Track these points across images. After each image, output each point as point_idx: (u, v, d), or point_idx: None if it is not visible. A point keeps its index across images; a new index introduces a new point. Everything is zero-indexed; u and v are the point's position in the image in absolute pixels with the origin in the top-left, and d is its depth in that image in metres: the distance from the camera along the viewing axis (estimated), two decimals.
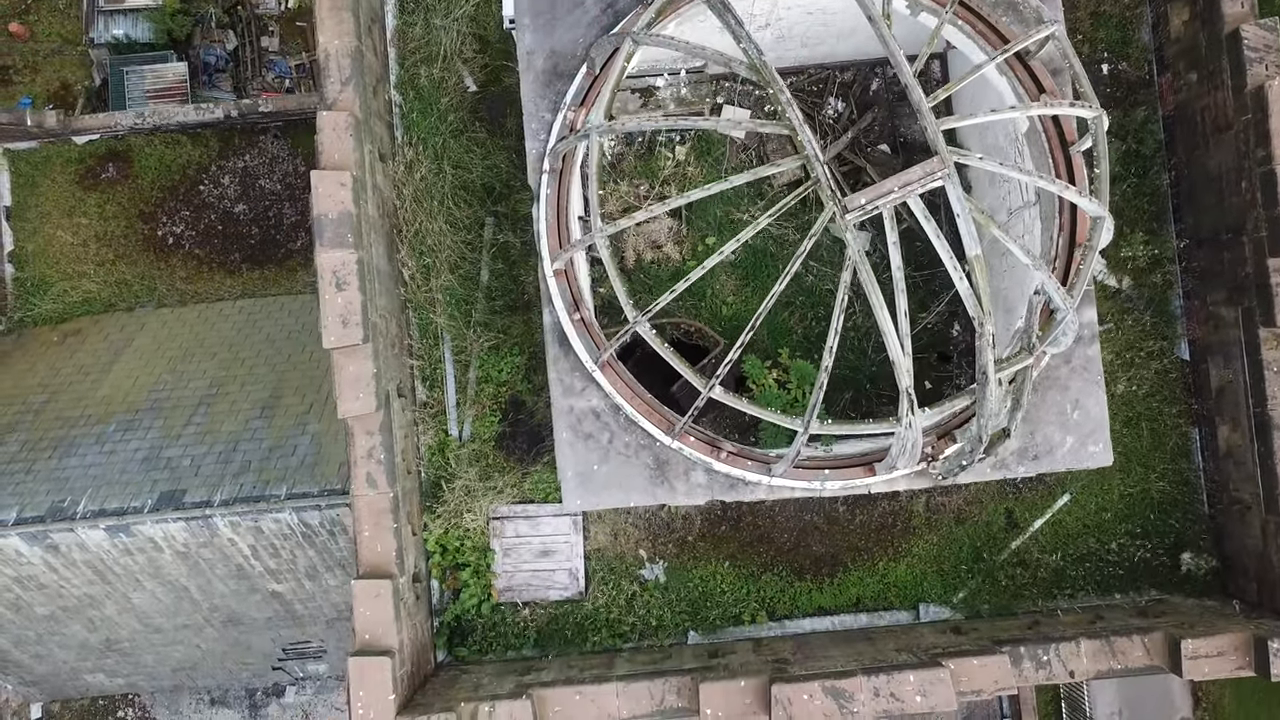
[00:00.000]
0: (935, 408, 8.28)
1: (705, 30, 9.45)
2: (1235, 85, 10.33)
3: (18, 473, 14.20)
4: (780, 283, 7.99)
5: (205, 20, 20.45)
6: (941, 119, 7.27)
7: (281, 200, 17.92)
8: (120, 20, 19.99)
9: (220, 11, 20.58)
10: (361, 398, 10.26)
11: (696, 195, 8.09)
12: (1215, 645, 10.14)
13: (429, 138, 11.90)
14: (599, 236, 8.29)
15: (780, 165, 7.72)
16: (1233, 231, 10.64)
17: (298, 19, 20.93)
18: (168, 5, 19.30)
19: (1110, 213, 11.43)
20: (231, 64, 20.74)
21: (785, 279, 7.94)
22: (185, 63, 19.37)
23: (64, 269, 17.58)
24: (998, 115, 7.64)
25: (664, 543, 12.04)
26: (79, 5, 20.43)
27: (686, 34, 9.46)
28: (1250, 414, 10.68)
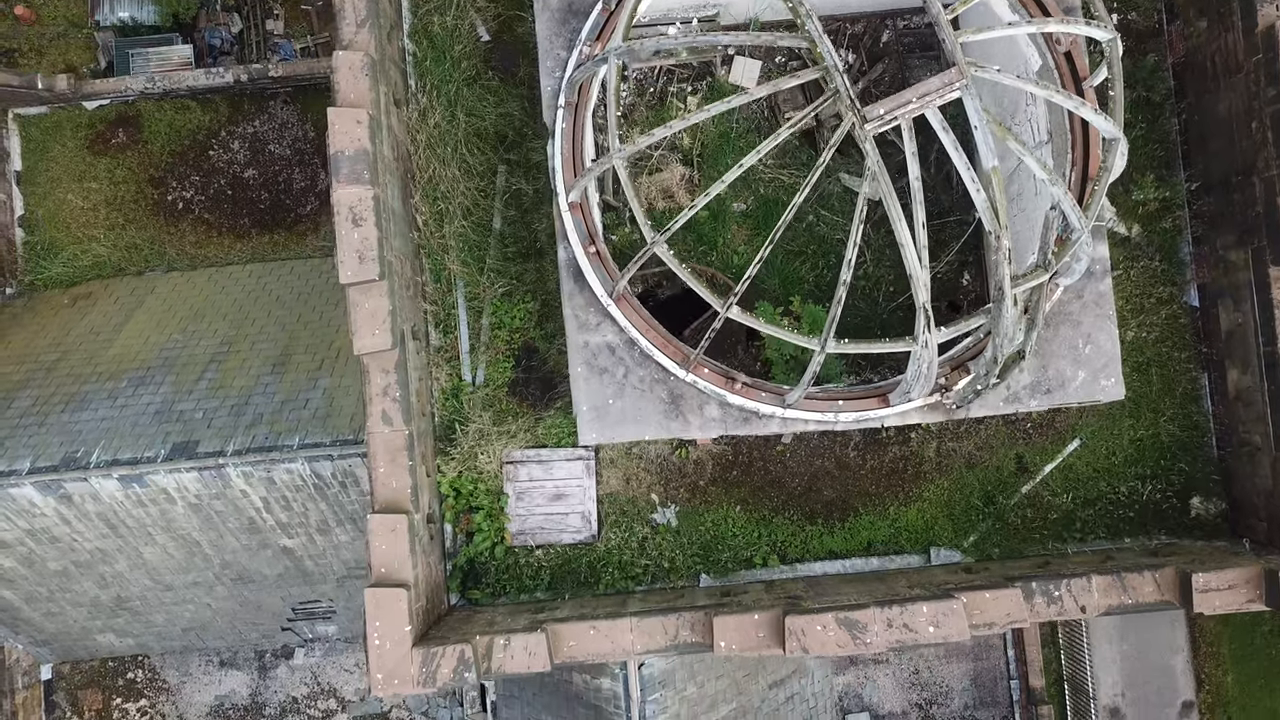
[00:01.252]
0: (951, 326, 8.34)
1: None
2: (1245, 27, 10.39)
3: (30, 426, 14.26)
4: (800, 195, 8.04)
5: (211, 3, 20.52)
6: (959, 32, 7.33)
7: (291, 165, 17.98)
8: (126, 3, 20.02)
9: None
10: (377, 334, 10.32)
11: (719, 108, 8.13)
12: (1226, 579, 10.19)
13: (442, 85, 11.96)
14: (618, 158, 8.36)
15: (800, 77, 7.77)
16: (1243, 173, 10.71)
17: (303, 2, 21.00)
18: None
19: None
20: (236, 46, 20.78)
21: (806, 189, 7.99)
22: (190, 45, 19.36)
23: (74, 233, 17.65)
24: (1014, 29, 7.70)
25: (676, 487, 12.10)
26: None
27: None
28: (1260, 354, 10.75)
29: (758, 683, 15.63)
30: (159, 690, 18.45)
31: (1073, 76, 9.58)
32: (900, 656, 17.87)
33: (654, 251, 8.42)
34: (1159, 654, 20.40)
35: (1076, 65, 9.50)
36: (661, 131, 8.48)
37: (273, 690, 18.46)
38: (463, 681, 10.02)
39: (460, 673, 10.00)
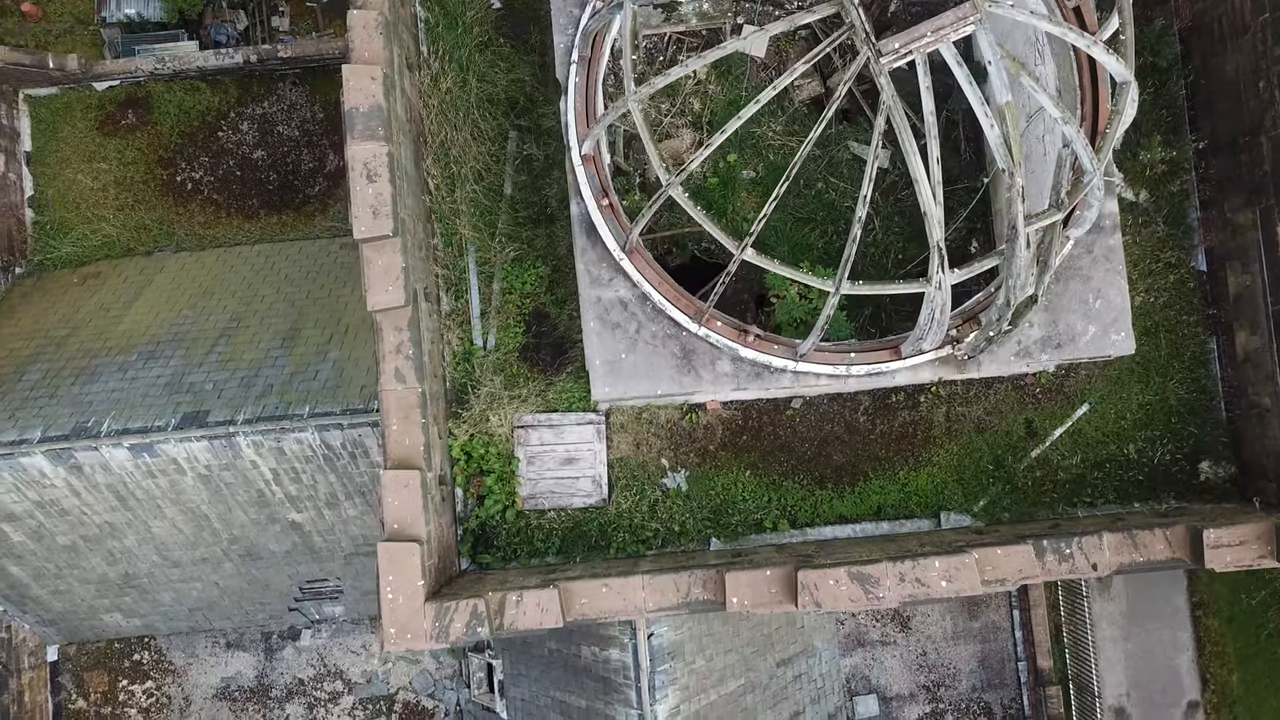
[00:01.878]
0: (964, 267, 8.39)
1: None
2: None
3: (41, 398, 14.29)
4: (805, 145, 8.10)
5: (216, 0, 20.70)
6: None
7: (300, 146, 18.06)
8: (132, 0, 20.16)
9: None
10: (391, 290, 10.37)
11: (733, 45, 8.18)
12: (1237, 534, 10.21)
13: (454, 51, 12.05)
14: (633, 100, 8.42)
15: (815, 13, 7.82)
16: (1250, 134, 10.78)
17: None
18: None
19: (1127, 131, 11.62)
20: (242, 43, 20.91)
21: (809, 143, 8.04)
22: (196, 41, 19.43)
23: (83, 213, 17.70)
24: None
25: (685, 452, 12.13)
26: None
27: None
28: (1269, 313, 10.80)
29: (766, 660, 15.61)
30: (165, 672, 18.41)
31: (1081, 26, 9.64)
32: (908, 638, 17.83)
33: (670, 194, 8.46)
34: (1164, 653, 20.32)
35: (1086, 21, 9.57)
36: (678, 70, 8.55)
37: (279, 672, 18.42)
38: (475, 636, 10.03)
39: (473, 627, 10.02)
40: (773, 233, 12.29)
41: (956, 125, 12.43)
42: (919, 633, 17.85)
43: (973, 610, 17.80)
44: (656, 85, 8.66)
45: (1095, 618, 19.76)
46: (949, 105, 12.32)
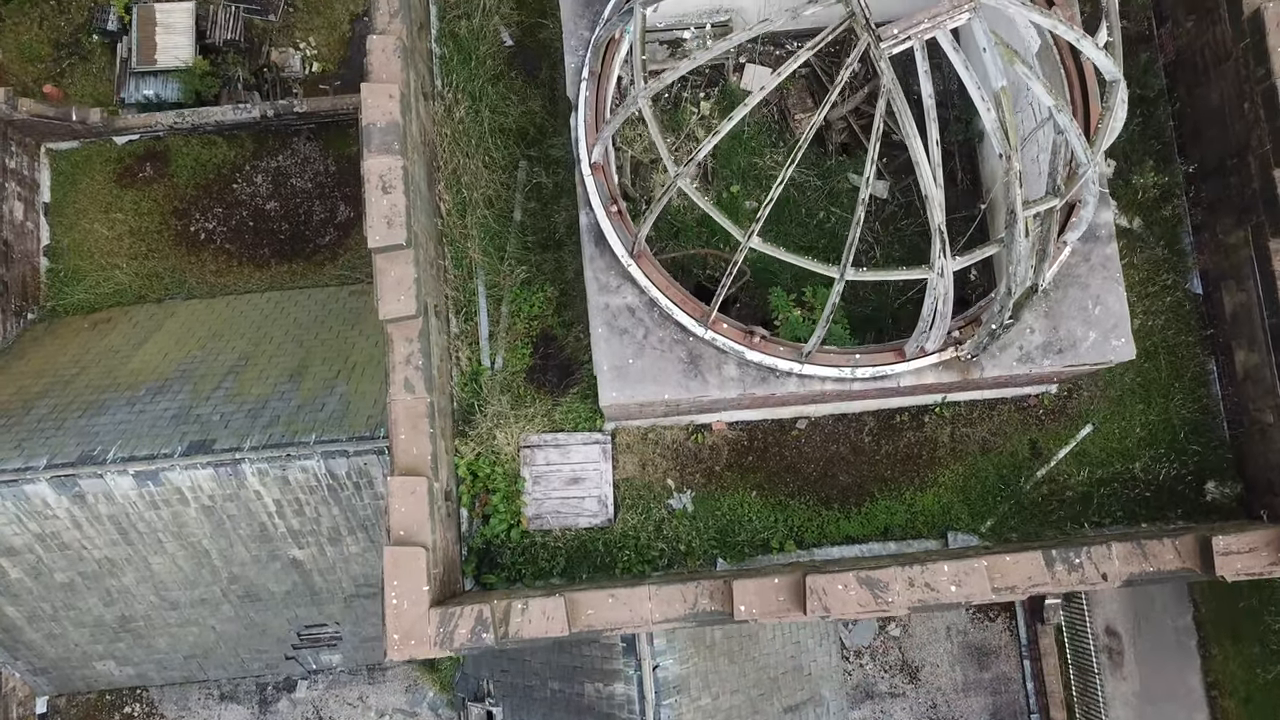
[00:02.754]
0: (965, 255, 8.59)
1: None
2: (1232, 15, 10.97)
3: (48, 430, 14.35)
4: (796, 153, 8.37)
5: (232, 82, 21.49)
6: None
7: (312, 198, 18.52)
8: (151, 81, 20.92)
9: (247, 73, 21.69)
10: (403, 300, 10.55)
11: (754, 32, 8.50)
12: (1246, 541, 10.18)
13: (467, 84, 12.51)
14: (643, 99, 8.76)
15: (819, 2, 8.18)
16: (1238, 155, 11.14)
17: (320, 81, 22.02)
18: (196, 67, 20.19)
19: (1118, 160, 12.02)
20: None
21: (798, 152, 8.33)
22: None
23: (97, 261, 18.06)
24: None
25: (691, 472, 12.15)
26: (112, 67, 21.63)
27: None
28: (1266, 327, 10.97)
29: (773, 704, 15.30)
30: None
31: (1071, 51, 10.08)
32: (917, 690, 17.46)
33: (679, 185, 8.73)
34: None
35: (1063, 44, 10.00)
36: (686, 64, 8.90)
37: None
38: (480, 643, 9.90)
39: (478, 633, 9.89)
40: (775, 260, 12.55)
41: (953, 156, 12.81)
42: (928, 684, 17.51)
43: (983, 661, 17.49)
44: (665, 80, 9.02)
45: (1108, 697, 19.43)
46: (945, 138, 12.72)
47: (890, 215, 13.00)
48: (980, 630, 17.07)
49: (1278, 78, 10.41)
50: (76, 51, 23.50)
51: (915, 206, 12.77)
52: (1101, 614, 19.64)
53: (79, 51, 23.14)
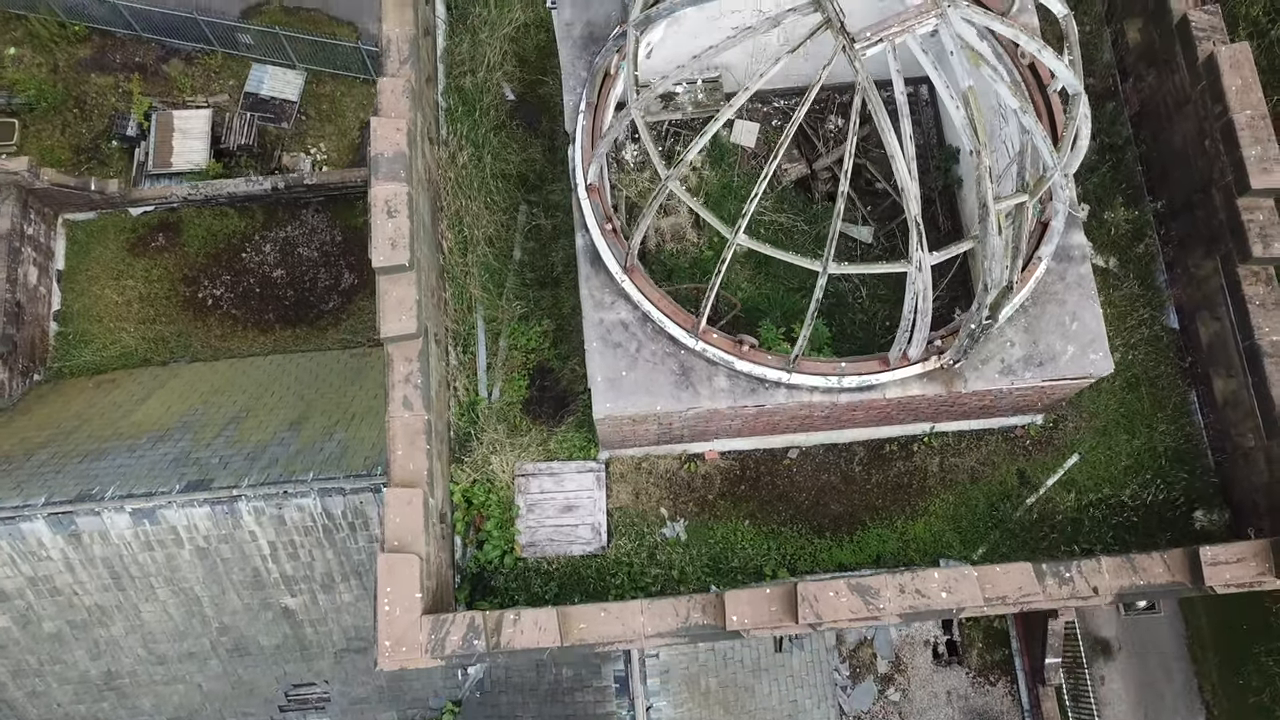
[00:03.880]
0: (941, 250, 8.99)
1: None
2: (1189, 61, 11.73)
3: (48, 473, 14.46)
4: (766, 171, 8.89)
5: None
6: None
7: (318, 266, 19.09)
8: (166, 183, 22.03)
9: (258, 175, 22.82)
10: (404, 319, 10.92)
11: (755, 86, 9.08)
12: (1234, 552, 10.29)
13: (470, 132, 13.20)
14: (636, 110, 9.32)
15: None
16: (1203, 190, 11.71)
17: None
18: (210, 169, 21.23)
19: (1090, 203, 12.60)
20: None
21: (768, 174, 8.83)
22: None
23: (106, 325, 18.48)
24: None
25: (684, 501, 12.27)
26: (129, 171, 22.77)
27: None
28: (1240, 350, 11.31)
29: None
30: None
31: (1038, 84, 10.77)
32: None
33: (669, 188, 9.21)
34: None
35: (1040, 74, 10.71)
36: (677, 73, 9.49)
37: None
38: (471, 649, 9.87)
39: (469, 640, 9.88)
40: (765, 299, 12.99)
41: (934, 202, 13.39)
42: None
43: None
44: (657, 90, 9.61)
45: None
46: (926, 184, 13.36)
47: (875, 258, 13.49)
48: (981, 695, 16.75)
49: (1234, 113, 11.06)
50: (96, 156, 24.73)
51: (899, 250, 13.27)
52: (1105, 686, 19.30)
53: (98, 156, 24.38)
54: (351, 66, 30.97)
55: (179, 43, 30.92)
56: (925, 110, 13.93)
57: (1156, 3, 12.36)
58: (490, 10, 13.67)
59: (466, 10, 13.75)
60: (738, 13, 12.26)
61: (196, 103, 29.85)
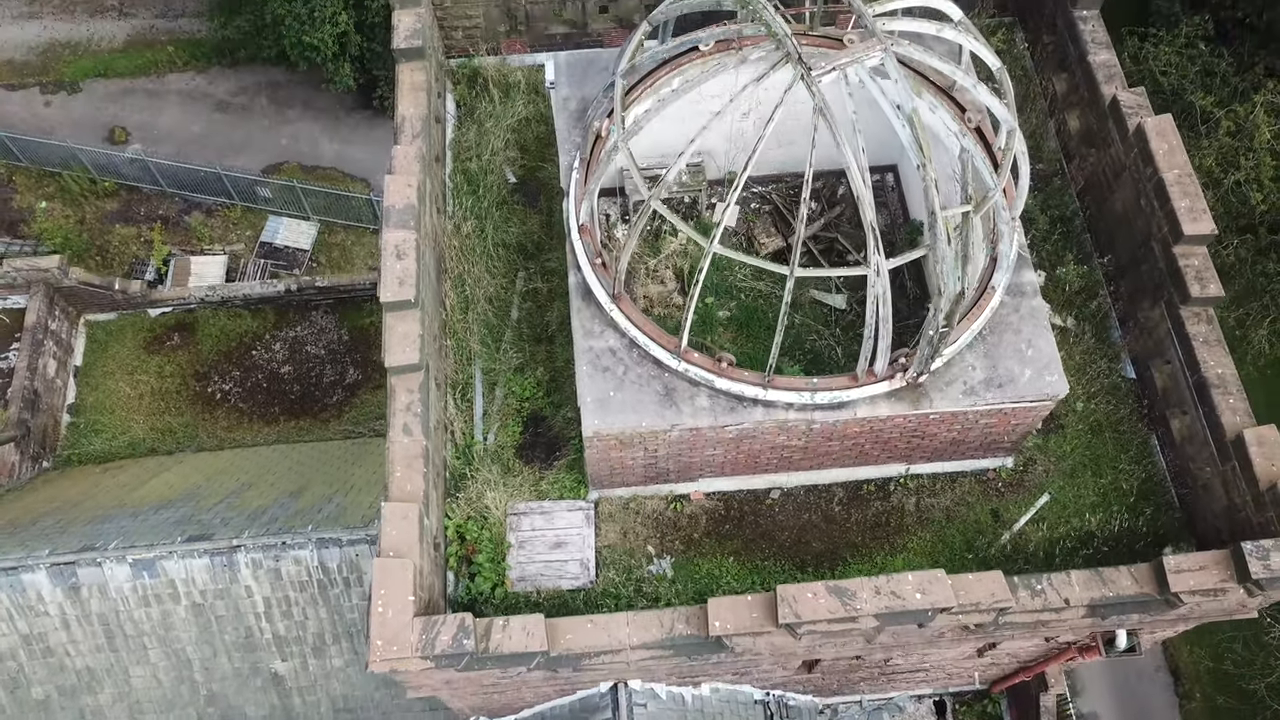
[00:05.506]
0: (898, 256, 9.92)
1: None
2: (1121, 135, 13.07)
3: (52, 533, 14.86)
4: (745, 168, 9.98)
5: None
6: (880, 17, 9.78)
7: (324, 362, 20.01)
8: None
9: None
10: (408, 351, 11.72)
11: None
12: (1196, 560, 10.73)
13: (474, 206, 14.41)
14: (621, 142, 10.47)
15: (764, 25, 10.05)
16: (1144, 244, 12.79)
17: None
18: None
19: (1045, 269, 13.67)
20: None
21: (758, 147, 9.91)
22: None
23: (117, 416, 19.22)
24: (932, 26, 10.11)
25: (671, 539, 12.68)
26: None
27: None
28: (1190, 385, 12.08)
29: None
30: None
31: (983, 144, 12.01)
32: None
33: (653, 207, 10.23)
34: None
35: (986, 137, 11.98)
36: (651, 104, 10.66)
37: None
38: (461, 648, 10.13)
39: (460, 640, 10.17)
40: (746, 360, 13.82)
41: (902, 272, 14.44)
42: None
43: None
44: (641, 126, 10.78)
45: None
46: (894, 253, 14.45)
47: (849, 323, 14.41)
48: None
49: (1164, 172, 12.27)
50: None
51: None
52: None
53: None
54: (363, 218, 33.08)
55: (202, 197, 33.20)
56: (891, 194, 15.22)
57: (1090, 91, 13.83)
58: (495, 105, 15.17)
59: (474, 105, 15.26)
60: (716, 97, 13.69)
61: (214, 251, 31.74)
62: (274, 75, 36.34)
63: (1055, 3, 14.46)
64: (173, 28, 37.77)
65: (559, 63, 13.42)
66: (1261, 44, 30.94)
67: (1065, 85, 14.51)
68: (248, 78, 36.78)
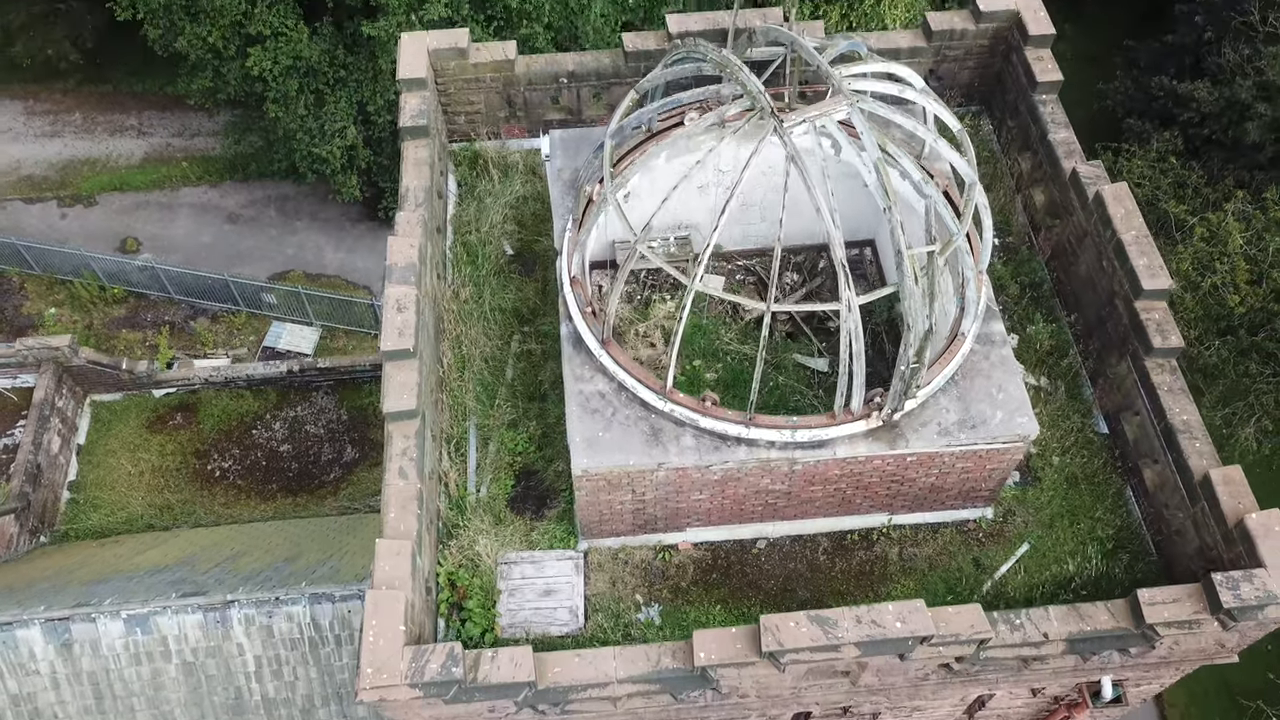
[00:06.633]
0: (867, 293, 10.54)
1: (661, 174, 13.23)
2: (1082, 203, 13.92)
3: (48, 593, 14.99)
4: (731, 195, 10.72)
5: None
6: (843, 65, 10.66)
7: (323, 441, 20.41)
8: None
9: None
10: (405, 398, 12.22)
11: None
12: (1171, 594, 10.99)
13: (473, 275, 15.15)
14: (610, 194, 11.23)
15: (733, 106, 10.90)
16: (1108, 303, 13.47)
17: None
18: None
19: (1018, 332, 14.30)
20: None
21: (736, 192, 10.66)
22: None
23: (117, 492, 19.50)
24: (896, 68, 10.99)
25: (659, 588, 12.90)
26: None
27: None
28: (1158, 433, 12.55)
29: None
30: None
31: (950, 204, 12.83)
32: None
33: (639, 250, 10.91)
34: None
35: (952, 197, 12.82)
36: (640, 160, 11.44)
37: None
38: (450, 676, 10.27)
39: (448, 668, 10.34)
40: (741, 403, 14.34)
41: (881, 336, 15.09)
42: None
43: None
44: (629, 180, 11.56)
45: None
46: (873, 320, 15.12)
47: (831, 385, 14.95)
48: None
49: (1122, 234, 13.05)
50: None
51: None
52: None
53: None
54: (364, 323, 33.99)
55: (207, 303, 34.17)
56: (870, 266, 16.00)
57: (1052, 166, 14.77)
58: (494, 184, 16.11)
59: (475, 184, 16.20)
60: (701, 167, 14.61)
61: (217, 354, 32.59)
62: (283, 189, 37.83)
63: (1017, 89, 15.57)
64: (188, 145, 39.54)
65: (554, 138, 14.37)
66: (1229, 159, 32.40)
67: (1029, 164, 15.47)
68: (258, 191, 38.26)
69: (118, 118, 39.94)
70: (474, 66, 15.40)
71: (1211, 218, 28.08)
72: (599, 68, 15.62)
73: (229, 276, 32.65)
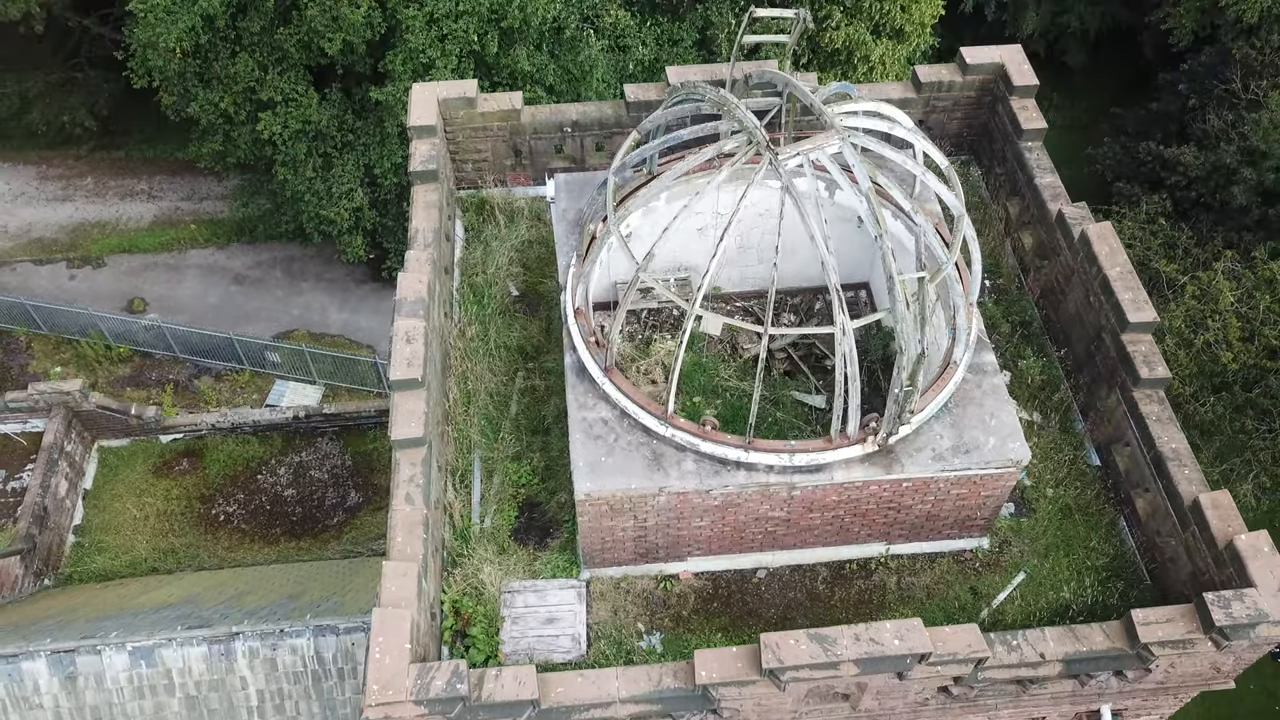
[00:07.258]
0: (860, 318, 10.92)
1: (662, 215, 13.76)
2: (1068, 243, 14.41)
3: (53, 629, 15.08)
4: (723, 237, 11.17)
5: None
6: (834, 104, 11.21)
7: (327, 486, 20.62)
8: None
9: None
10: (413, 426, 12.53)
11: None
12: (1164, 614, 11.19)
13: (479, 313, 15.58)
14: (614, 226, 11.70)
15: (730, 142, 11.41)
16: (1096, 338, 13.88)
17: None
18: None
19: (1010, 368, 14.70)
20: None
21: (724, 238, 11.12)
22: None
23: (122, 536, 19.65)
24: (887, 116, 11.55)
25: (660, 617, 13.04)
26: None
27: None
28: (1148, 461, 12.84)
29: None
30: None
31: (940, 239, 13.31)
32: None
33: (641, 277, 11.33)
34: None
35: (943, 233, 13.31)
36: (645, 196, 11.91)
37: None
38: (455, 693, 10.40)
39: (453, 684, 10.47)
40: None
41: (876, 372, 15.46)
42: None
43: None
44: (631, 210, 12.02)
45: None
46: (868, 359, 15.51)
47: (828, 421, 15.27)
48: None
49: (1107, 270, 13.51)
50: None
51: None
52: None
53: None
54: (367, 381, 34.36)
55: (212, 362, 34.61)
56: (865, 309, 16.43)
57: (1039, 209, 15.31)
58: (500, 229, 16.64)
59: (481, 229, 16.73)
60: (700, 214, 15.14)
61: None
62: (290, 250, 38.52)
63: (1004, 137, 16.20)
64: (197, 209, 40.38)
65: (559, 181, 14.92)
66: (1218, 220, 33.17)
67: (1017, 208, 16.02)
68: (265, 253, 38.94)
69: (129, 182, 40.86)
70: (482, 115, 16.04)
71: (1202, 276, 28.61)
72: (601, 117, 16.27)
73: (234, 335, 33.10)
